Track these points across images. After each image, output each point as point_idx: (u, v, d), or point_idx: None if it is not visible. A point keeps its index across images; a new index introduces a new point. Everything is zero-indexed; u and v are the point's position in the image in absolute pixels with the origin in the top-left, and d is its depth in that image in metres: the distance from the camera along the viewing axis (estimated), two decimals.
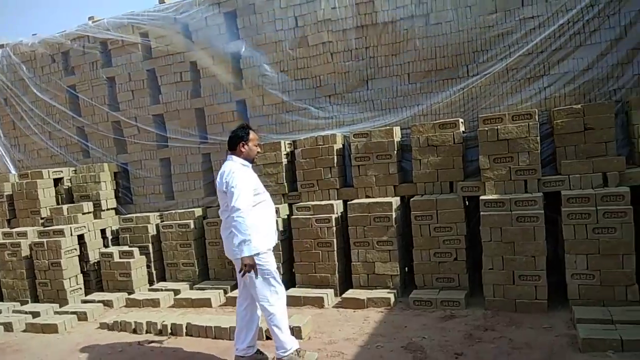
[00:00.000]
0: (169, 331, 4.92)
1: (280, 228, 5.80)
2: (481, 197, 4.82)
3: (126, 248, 6.66)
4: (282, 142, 6.12)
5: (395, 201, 5.40)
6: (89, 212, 6.90)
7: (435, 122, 5.37)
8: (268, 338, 4.35)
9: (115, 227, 7.15)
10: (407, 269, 5.61)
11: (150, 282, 6.70)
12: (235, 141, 3.93)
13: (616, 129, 4.79)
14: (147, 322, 5.09)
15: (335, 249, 5.54)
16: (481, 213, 4.74)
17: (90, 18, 7.59)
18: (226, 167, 3.84)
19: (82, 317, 5.75)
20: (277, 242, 4.13)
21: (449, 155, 5.25)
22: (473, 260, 5.26)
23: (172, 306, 5.92)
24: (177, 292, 6.19)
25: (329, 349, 4.15)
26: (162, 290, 6.29)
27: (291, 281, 5.89)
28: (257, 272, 3.65)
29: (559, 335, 3.97)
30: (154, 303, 5.94)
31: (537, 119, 4.82)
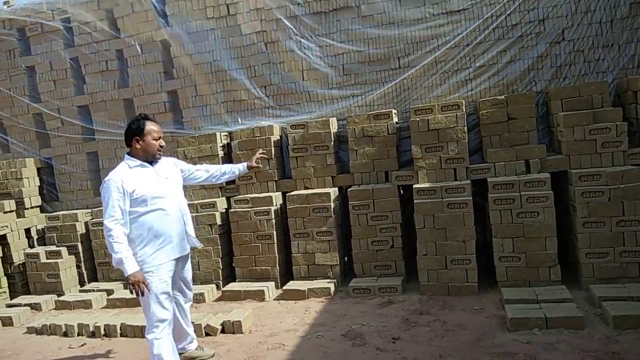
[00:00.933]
0: (102, 332, 4.72)
1: (219, 222, 5.72)
2: (414, 186, 4.97)
3: (53, 248, 6.29)
4: (218, 134, 5.99)
5: (333, 192, 5.46)
6: (11, 211, 6.44)
7: (370, 113, 5.47)
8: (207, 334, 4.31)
9: (40, 226, 6.74)
10: (346, 258, 5.71)
11: (81, 283, 6.39)
12: (129, 137, 3.36)
13: (537, 118, 5.09)
14: (78, 324, 4.85)
15: (275, 241, 5.54)
16: (414, 201, 4.90)
17: (5, 2, 7.05)
18: (109, 175, 3.31)
19: (7, 322, 5.42)
20: (187, 251, 3.59)
21: (383, 146, 5.36)
22: (409, 247, 5.44)
23: (106, 307, 5.69)
24: (110, 292, 5.95)
25: (269, 341, 4.16)
26: (94, 290, 6.02)
27: (231, 276, 5.84)
28: (149, 287, 3.26)
29: (489, 316, 4.20)
30: (86, 304, 5.69)
31: (464, 110, 5.02)
